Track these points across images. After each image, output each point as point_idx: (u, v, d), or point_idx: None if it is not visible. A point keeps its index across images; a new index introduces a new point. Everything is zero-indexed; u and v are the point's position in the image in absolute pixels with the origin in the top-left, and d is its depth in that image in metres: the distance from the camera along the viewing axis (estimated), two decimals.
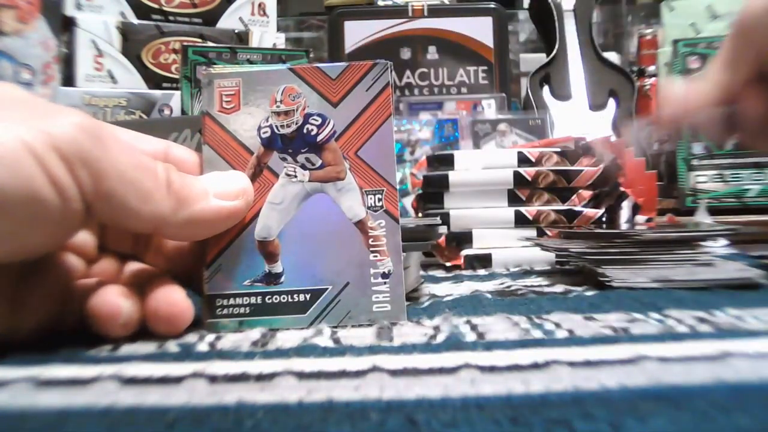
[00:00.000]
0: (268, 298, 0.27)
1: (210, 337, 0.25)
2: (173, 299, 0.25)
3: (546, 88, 1.02)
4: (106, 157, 0.23)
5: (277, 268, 0.28)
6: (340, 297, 0.27)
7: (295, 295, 0.27)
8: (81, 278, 0.27)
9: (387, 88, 0.28)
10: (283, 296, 0.27)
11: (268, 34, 0.91)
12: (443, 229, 0.49)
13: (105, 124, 0.24)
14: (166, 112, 0.79)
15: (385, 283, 0.27)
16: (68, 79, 0.81)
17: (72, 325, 0.25)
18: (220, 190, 0.26)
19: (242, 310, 0.27)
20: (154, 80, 0.84)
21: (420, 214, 0.53)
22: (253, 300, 0.27)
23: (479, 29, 1.01)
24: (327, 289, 0.27)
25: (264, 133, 0.28)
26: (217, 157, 0.28)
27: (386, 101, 0.28)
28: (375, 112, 0.28)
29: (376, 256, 0.27)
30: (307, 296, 0.27)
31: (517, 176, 0.49)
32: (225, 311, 0.27)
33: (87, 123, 0.23)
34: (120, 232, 0.28)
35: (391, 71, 0.29)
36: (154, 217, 0.24)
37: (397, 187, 0.28)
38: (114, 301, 0.24)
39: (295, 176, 0.28)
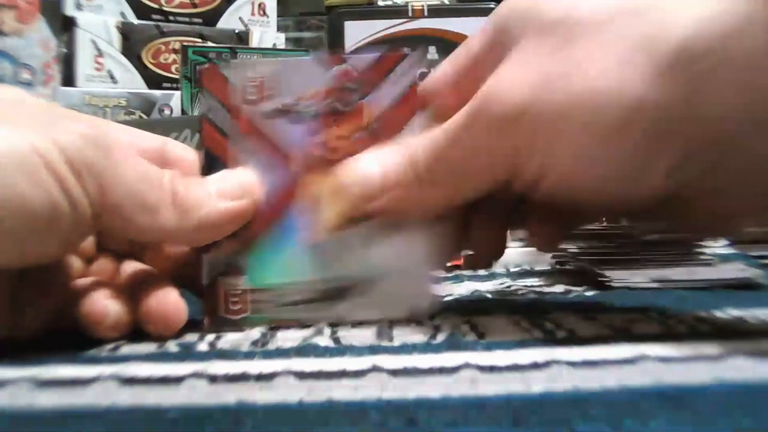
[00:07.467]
0: (299, 294, 0.27)
1: (210, 337, 0.25)
2: (165, 300, 0.25)
3: None
4: (112, 170, 0.22)
5: None
6: (371, 293, 0.27)
7: (326, 290, 0.27)
8: (79, 278, 0.27)
9: (417, 81, 0.27)
10: (314, 291, 0.27)
11: (268, 34, 0.91)
12: None
13: (110, 130, 0.24)
14: (166, 112, 0.79)
15: (413, 279, 0.27)
16: (68, 79, 0.81)
17: (71, 325, 0.25)
18: (224, 191, 0.26)
19: (272, 305, 0.27)
20: (154, 80, 0.84)
21: None
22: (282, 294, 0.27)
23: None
24: (357, 284, 0.27)
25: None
26: (245, 150, 0.27)
27: (416, 95, 0.27)
28: (404, 105, 0.27)
29: (404, 254, 0.27)
30: (338, 291, 0.27)
31: None
32: (257, 306, 0.27)
33: (93, 132, 0.22)
34: None
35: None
36: (159, 230, 0.24)
37: None
38: (101, 303, 0.24)
39: None
